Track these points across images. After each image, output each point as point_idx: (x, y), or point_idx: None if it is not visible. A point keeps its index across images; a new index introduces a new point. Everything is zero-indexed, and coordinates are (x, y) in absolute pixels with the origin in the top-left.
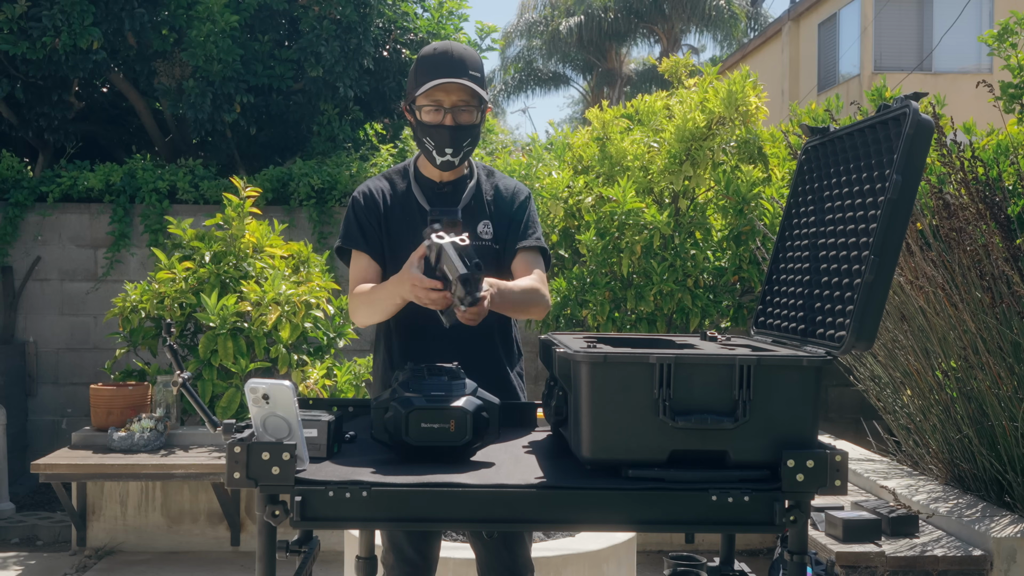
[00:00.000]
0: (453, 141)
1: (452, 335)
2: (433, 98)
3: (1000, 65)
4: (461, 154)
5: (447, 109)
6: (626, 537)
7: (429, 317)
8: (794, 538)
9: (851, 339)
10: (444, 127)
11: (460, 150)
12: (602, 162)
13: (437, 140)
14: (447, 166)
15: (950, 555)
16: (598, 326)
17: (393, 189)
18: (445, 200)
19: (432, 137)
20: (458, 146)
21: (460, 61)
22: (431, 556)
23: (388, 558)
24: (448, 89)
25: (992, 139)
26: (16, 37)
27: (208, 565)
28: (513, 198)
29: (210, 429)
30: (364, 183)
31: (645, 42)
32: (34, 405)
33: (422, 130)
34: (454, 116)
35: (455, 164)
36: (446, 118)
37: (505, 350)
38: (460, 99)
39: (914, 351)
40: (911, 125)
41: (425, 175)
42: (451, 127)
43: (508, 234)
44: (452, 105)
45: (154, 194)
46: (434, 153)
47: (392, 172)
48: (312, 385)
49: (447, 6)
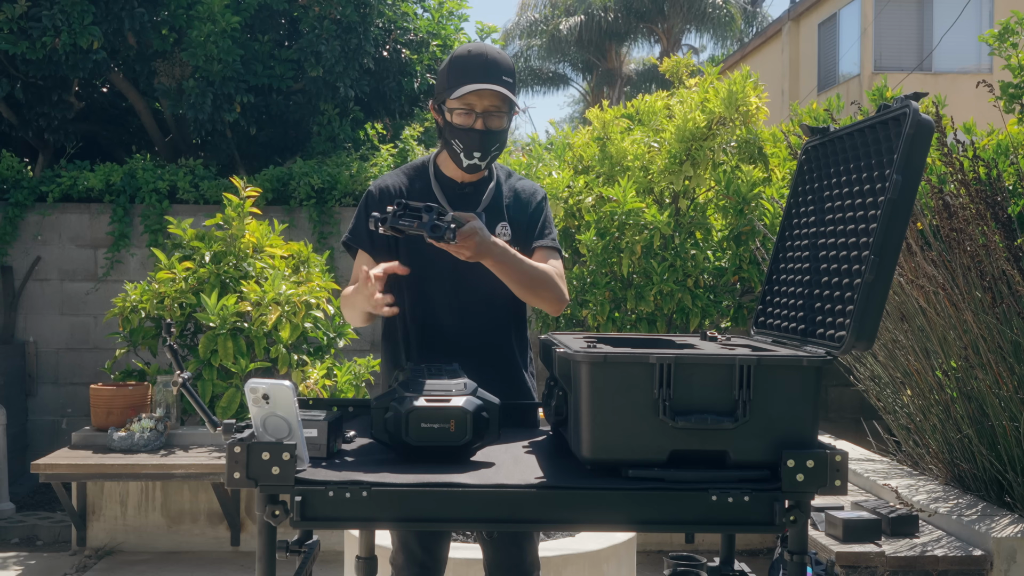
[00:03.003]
0: (482, 145)
1: (469, 332)
2: (466, 101)
3: (1000, 65)
4: (488, 158)
5: (479, 113)
6: (626, 537)
7: (447, 313)
8: (794, 538)
9: (851, 339)
10: (475, 131)
11: (488, 154)
12: (602, 162)
13: (466, 144)
14: (473, 169)
15: (950, 555)
16: (598, 326)
17: (411, 186)
18: (466, 200)
19: (461, 140)
20: (486, 150)
21: (495, 65)
22: (441, 557)
23: (398, 559)
24: (481, 94)
25: (992, 139)
26: (16, 37)
27: (208, 565)
28: (530, 200)
29: (210, 429)
30: (381, 177)
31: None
32: (34, 405)
33: (451, 132)
34: (485, 121)
35: (481, 168)
36: (477, 122)
37: (520, 348)
38: (492, 104)
39: (914, 351)
40: (911, 125)
41: (446, 174)
42: (481, 131)
43: (525, 235)
44: (484, 109)
45: (154, 194)
46: (462, 156)
47: (410, 168)
48: (312, 385)
49: (447, 6)
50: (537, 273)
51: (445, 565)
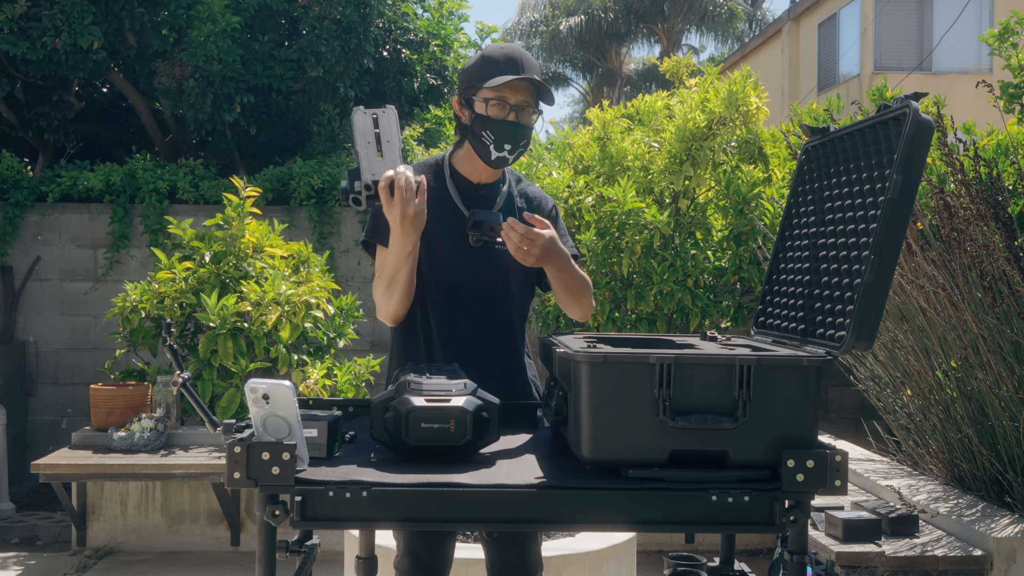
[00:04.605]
0: (514, 138)
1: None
2: (500, 93)
3: (1000, 65)
4: (516, 153)
5: (512, 106)
6: (626, 537)
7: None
8: (794, 538)
9: (851, 339)
10: (508, 123)
11: (517, 148)
12: (602, 162)
13: (498, 135)
14: (501, 163)
15: (950, 555)
16: (598, 326)
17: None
18: (481, 202)
19: (494, 131)
20: (516, 143)
21: (529, 63)
22: (446, 559)
23: (403, 563)
24: (516, 87)
25: (992, 139)
26: (16, 37)
27: (208, 565)
28: (540, 207)
29: (210, 429)
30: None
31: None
32: (34, 405)
33: (483, 124)
34: (517, 114)
35: (508, 162)
36: (510, 114)
37: (524, 349)
38: (525, 99)
39: (914, 351)
40: (911, 125)
41: (462, 174)
42: (514, 123)
43: None
44: (517, 103)
45: (154, 194)
46: (491, 147)
47: (423, 166)
48: (312, 385)
49: (447, 6)
50: (583, 280)
51: (451, 567)
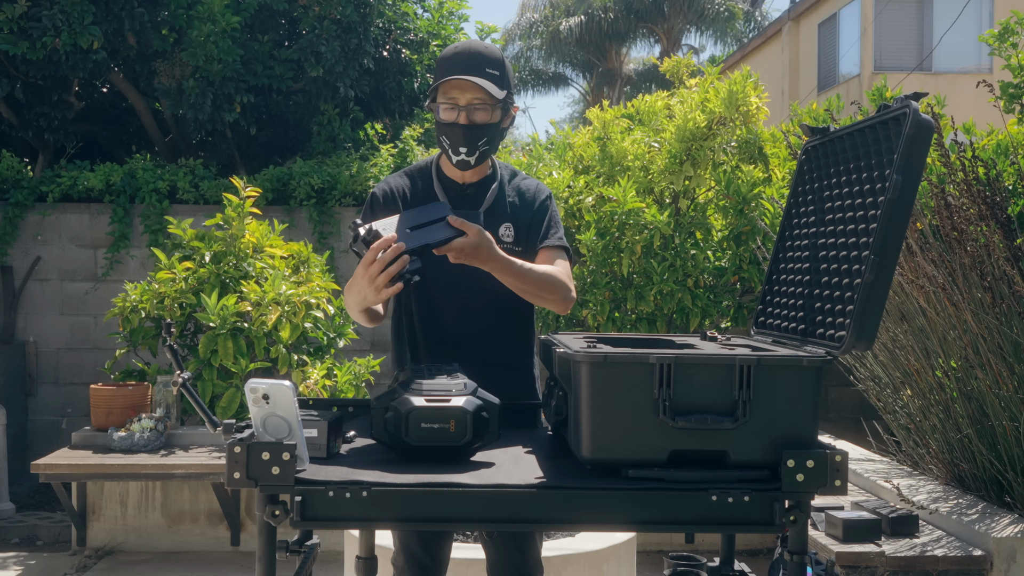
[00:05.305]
0: (467, 140)
1: (472, 331)
2: (448, 95)
3: (1000, 65)
4: (477, 154)
5: (462, 107)
6: (626, 537)
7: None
8: (794, 538)
9: (851, 339)
10: (458, 125)
11: (475, 149)
12: (603, 162)
13: (451, 139)
14: (463, 165)
15: (950, 555)
16: (598, 326)
17: (414, 187)
18: (468, 202)
19: (447, 135)
20: (472, 146)
21: (478, 57)
22: (442, 558)
23: (399, 560)
24: (462, 87)
25: (992, 139)
26: (16, 37)
27: (208, 565)
28: (533, 199)
29: (210, 429)
30: (384, 179)
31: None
32: (34, 405)
33: (439, 128)
34: (468, 115)
35: (471, 164)
36: (460, 116)
37: (525, 347)
38: (475, 97)
39: (914, 351)
40: (911, 125)
41: (448, 175)
42: (465, 126)
43: (529, 236)
44: (467, 103)
45: (154, 194)
46: (449, 152)
47: (413, 170)
48: (312, 385)
49: (447, 6)
50: (538, 277)
51: (447, 566)
